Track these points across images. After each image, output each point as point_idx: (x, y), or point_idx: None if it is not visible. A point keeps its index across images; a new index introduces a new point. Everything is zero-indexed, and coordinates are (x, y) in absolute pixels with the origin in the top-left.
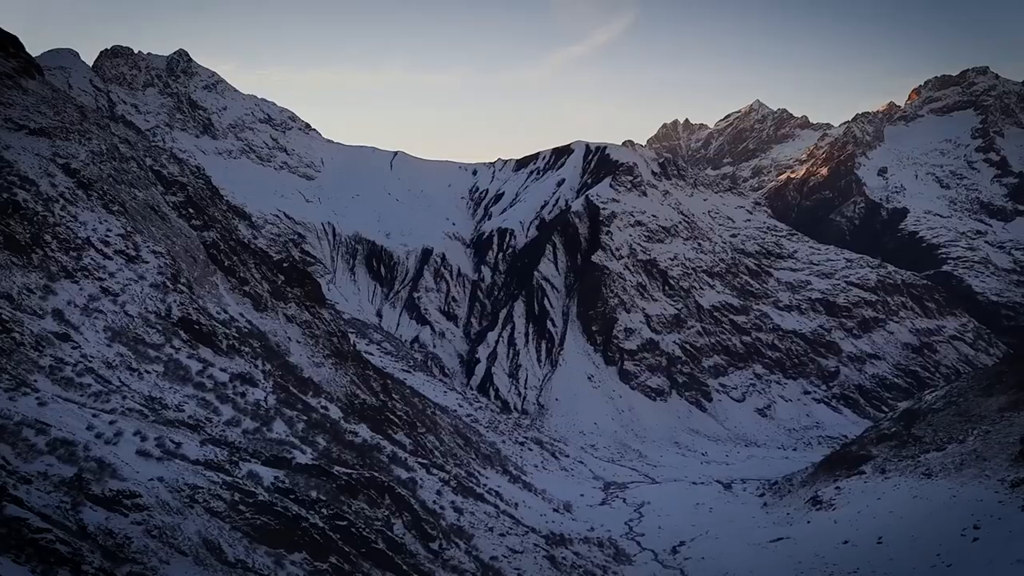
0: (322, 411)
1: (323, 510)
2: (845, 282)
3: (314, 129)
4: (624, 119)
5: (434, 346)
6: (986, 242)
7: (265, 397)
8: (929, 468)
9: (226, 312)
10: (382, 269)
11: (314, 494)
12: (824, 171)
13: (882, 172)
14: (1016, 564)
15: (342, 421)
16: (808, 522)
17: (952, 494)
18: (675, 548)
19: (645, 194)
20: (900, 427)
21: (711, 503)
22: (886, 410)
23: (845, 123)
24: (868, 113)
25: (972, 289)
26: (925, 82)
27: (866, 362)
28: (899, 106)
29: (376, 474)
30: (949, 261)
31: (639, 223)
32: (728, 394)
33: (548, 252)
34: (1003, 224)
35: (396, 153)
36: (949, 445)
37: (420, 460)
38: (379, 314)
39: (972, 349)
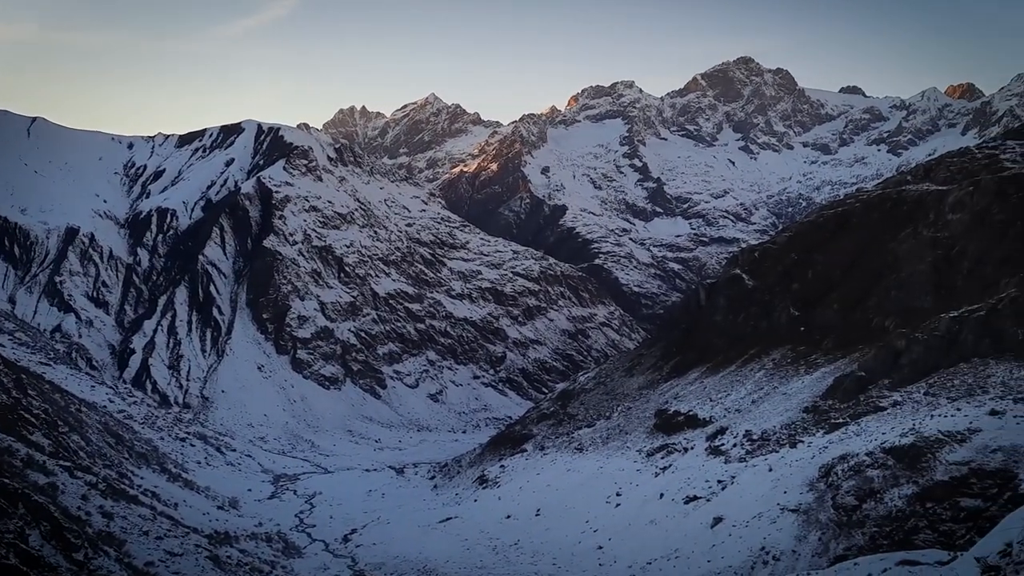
0: None
1: None
2: (512, 272)
3: None
4: (299, 101)
5: (80, 336)
6: (630, 239)
7: None
8: (581, 443)
9: None
10: (16, 249)
11: None
12: (494, 167)
13: (545, 171)
14: (649, 524)
15: None
16: (475, 500)
17: (599, 466)
18: (347, 536)
19: (321, 179)
20: (558, 407)
21: (384, 489)
22: (546, 391)
23: (513, 122)
24: (533, 115)
25: (618, 281)
26: (582, 90)
27: (529, 347)
28: (560, 111)
29: (7, 481)
30: (600, 255)
31: (314, 208)
32: (402, 380)
33: (215, 235)
34: (644, 224)
35: (35, 119)
36: (598, 421)
37: (62, 463)
38: (12, 300)
39: (618, 334)
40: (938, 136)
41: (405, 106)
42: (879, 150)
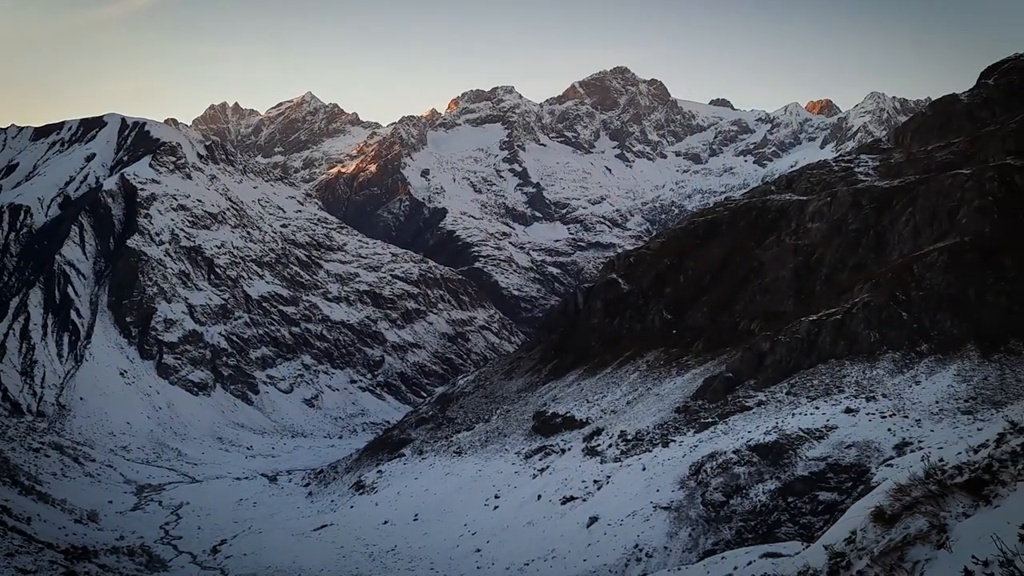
0: None
1: None
2: (391, 275)
3: None
4: (167, 96)
5: None
6: (510, 243)
7: None
8: (460, 447)
9: None
10: None
11: None
12: (373, 168)
13: (425, 173)
14: (527, 526)
15: None
16: (352, 507)
17: (478, 468)
18: (216, 547)
19: (190, 177)
20: (436, 410)
21: (255, 498)
22: (425, 395)
23: (393, 124)
24: (413, 117)
25: (498, 284)
26: (462, 94)
27: (408, 351)
28: (440, 113)
29: None
30: (480, 259)
31: (183, 207)
32: (276, 386)
33: (74, 234)
34: (524, 228)
35: None
36: (477, 424)
37: None
38: None
39: (497, 338)
40: (800, 149)
41: (280, 104)
42: (746, 161)
